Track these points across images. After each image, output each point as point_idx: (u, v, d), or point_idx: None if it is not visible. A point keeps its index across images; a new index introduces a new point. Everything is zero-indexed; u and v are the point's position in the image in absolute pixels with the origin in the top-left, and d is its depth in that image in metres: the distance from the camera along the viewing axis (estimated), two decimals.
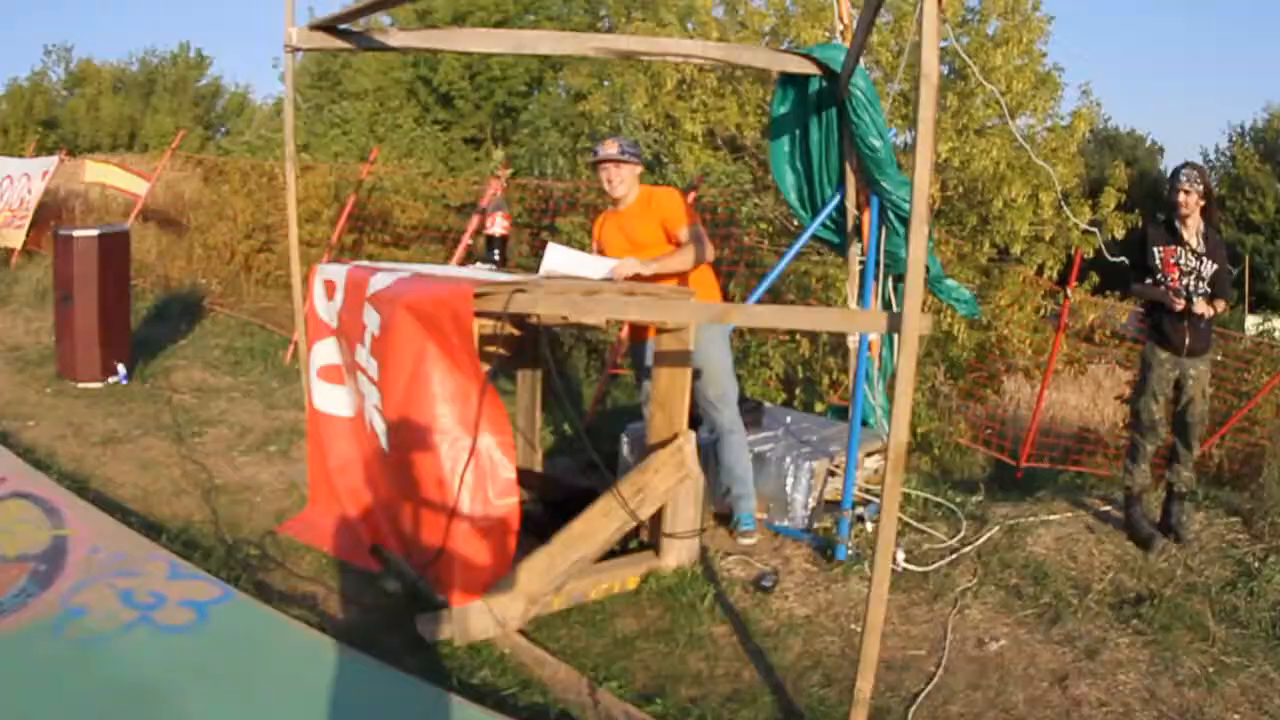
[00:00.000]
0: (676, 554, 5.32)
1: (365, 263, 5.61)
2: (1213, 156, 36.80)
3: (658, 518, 5.25)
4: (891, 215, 5.94)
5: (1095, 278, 12.41)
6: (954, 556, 5.59)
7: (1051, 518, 6.04)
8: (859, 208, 6.15)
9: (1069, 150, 13.58)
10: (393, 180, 12.36)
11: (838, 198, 6.20)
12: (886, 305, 6.15)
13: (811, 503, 5.86)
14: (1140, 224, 11.72)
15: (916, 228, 3.20)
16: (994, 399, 10.99)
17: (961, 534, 5.85)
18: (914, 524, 6.02)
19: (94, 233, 8.79)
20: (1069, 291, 9.36)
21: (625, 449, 6.52)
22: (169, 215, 16.23)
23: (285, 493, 6.18)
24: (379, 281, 4.77)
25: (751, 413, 6.50)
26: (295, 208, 5.91)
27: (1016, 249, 12.87)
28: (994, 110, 12.89)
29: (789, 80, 6.18)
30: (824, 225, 6.34)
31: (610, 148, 5.62)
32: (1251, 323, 31.62)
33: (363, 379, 5.00)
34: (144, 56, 43.46)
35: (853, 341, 6.48)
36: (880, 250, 5.95)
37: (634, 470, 5.10)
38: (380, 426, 4.90)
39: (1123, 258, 7.18)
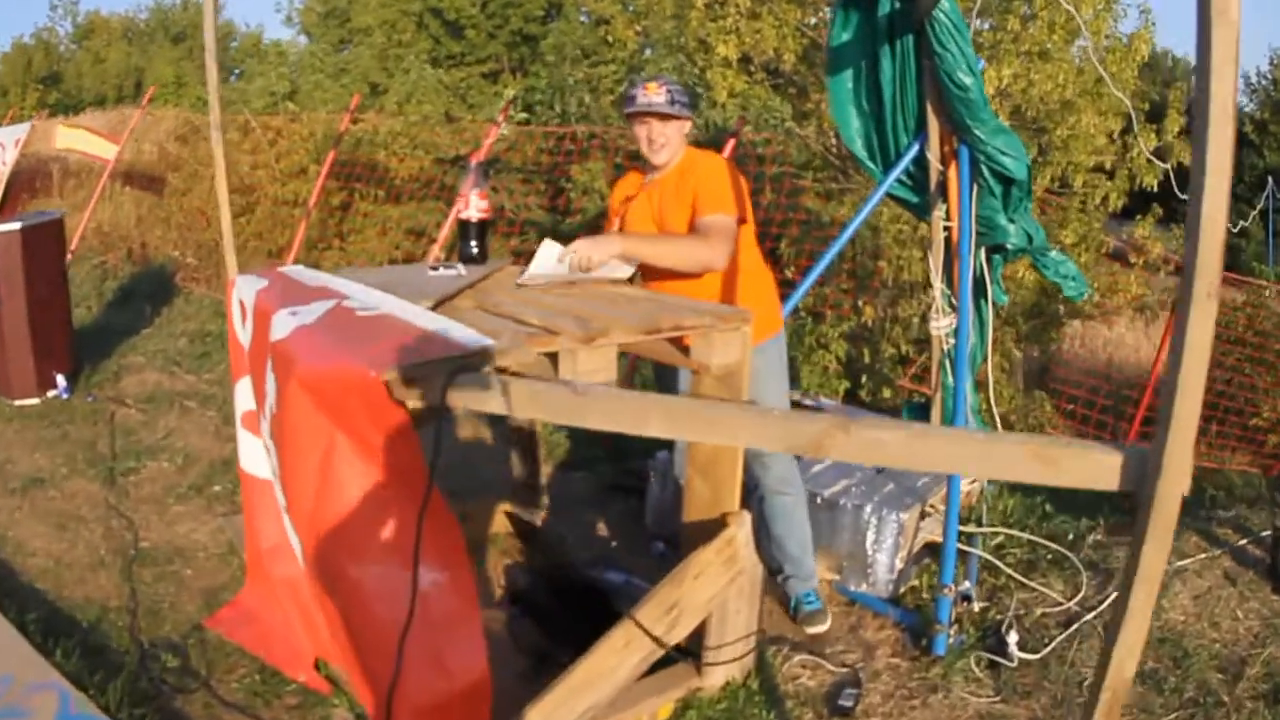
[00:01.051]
0: (725, 668, 3.95)
1: (296, 270, 4.22)
2: (1254, 79, 35.54)
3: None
4: (985, 171, 4.78)
5: (1159, 210, 11.40)
6: (1075, 629, 4.51)
7: (1184, 564, 5.02)
8: (943, 161, 4.97)
9: (1129, 74, 12.51)
10: (390, 129, 11.06)
11: (916, 148, 5.01)
12: (980, 284, 5.05)
13: (899, 564, 4.64)
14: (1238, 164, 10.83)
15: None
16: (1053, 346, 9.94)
17: (1081, 593, 4.78)
18: (1022, 580, 4.90)
19: (15, 226, 7.49)
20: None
21: (654, 486, 5.30)
22: (153, 176, 15.10)
23: (221, 561, 5.02)
24: (282, 324, 3.25)
25: None
26: (226, 191, 4.77)
27: (1078, 181, 11.78)
28: (1060, 35, 11.66)
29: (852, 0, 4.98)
30: (899, 181, 5.16)
31: (655, 94, 4.08)
32: None
33: (272, 457, 3.67)
34: (154, 5, 42.27)
35: (938, 327, 5.34)
36: (972, 215, 4.79)
37: (665, 582, 3.54)
38: (293, 538, 3.58)
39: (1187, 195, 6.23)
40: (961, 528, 4.95)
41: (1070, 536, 5.39)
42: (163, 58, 38.89)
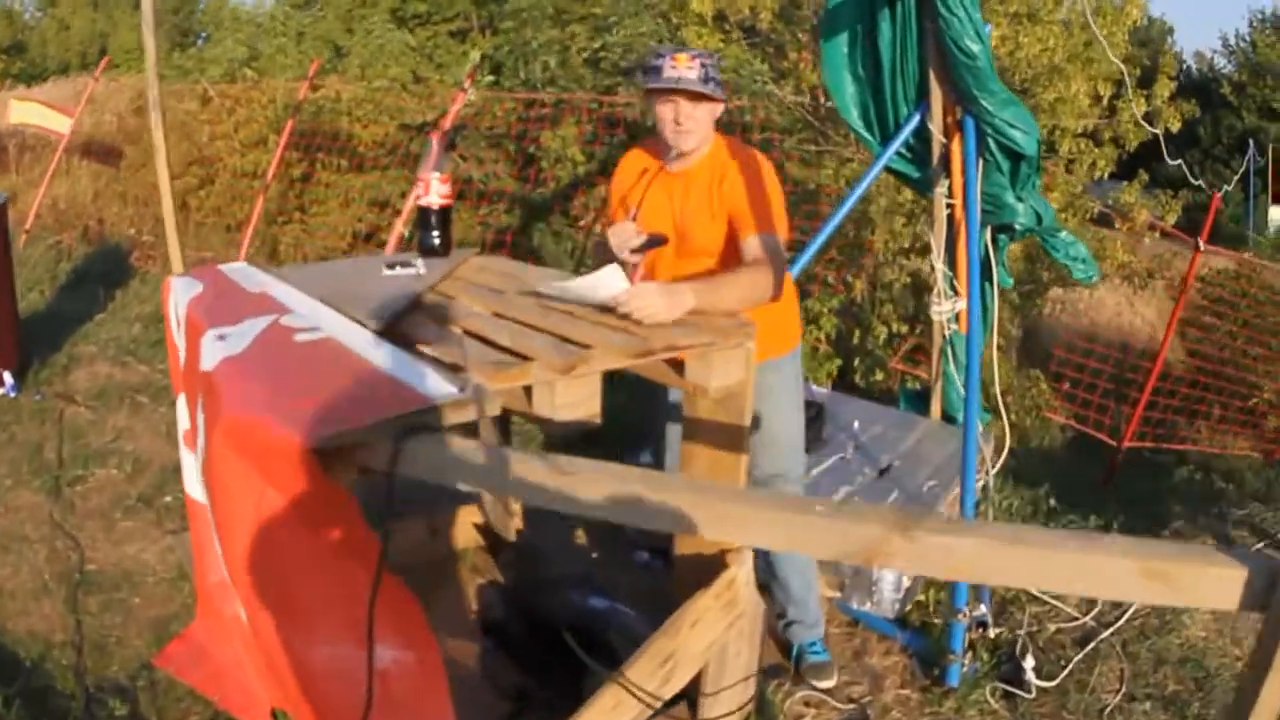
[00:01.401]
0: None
1: (237, 271, 3.57)
2: (1232, 41, 35.48)
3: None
4: (993, 145, 4.39)
5: (1145, 176, 11.02)
6: (1092, 647, 4.16)
7: None
8: (946, 133, 4.58)
9: (1119, 37, 12.10)
10: (353, 94, 10.50)
11: (916, 118, 4.61)
12: (985, 265, 4.63)
13: (905, 581, 4.18)
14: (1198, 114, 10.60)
15: None
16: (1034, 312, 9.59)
17: (1098, 606, 4.42)
18: (1034, 593, 4.51)
19: None
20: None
21: (628, 526, 4.75)
22: (111, 149, 14.43)
23: (171, 586, 4.49)
24: (210, 351, 2.66)
25: (811, 424, 4.68)
26: (168, 179, 4.31)
27: (1065, 147, 11.39)
28: None
29: None
30: (899, 154, 4.76)
31: (686, 68, 3.25)
32: (1275, 213, 30.87)
33: (206, 495, 3.08)
34: None
35: (940, 311, 4.97)
36: (978, 192, 4.39)
37: (659, 634, 2.95)
38: (233, 591, 3.03)
39: (1179, 161, 6.04)
40: None
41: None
42: (126, 23, 37.92)
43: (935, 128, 4.57)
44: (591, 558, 4.68)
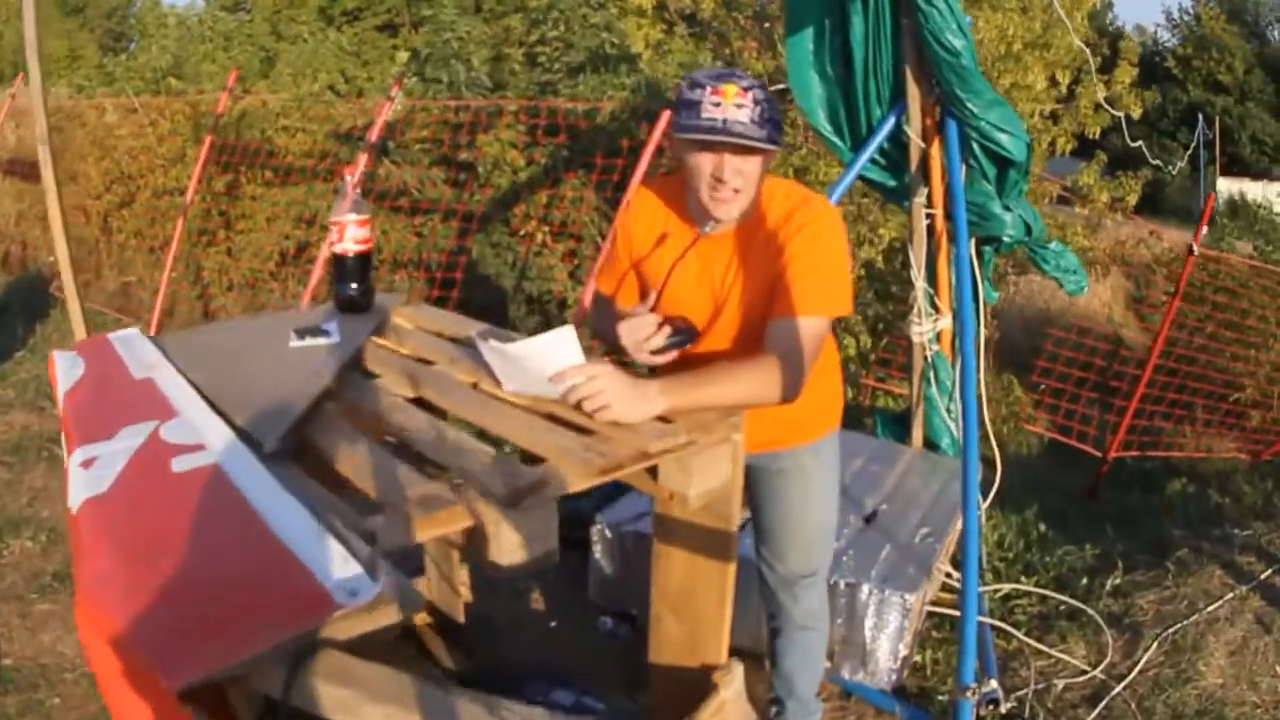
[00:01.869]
0: None
1: (127, 342, 2.94)
2: (1176, 14, 35.54)
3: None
4: (977, 150, 4.00)
5: (1103, 156, 10.85)
6: (1105, 704, 3.75)
7: (1213, 608, 4.29)
8: (925, 137, 4.13)
9: (1078, 21, 11.77)
10: (280, 102, 9.84)
11: (891, 121, 4.17)
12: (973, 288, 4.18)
13: (903, 650, 3.66)
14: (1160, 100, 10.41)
15: None
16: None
17: (1107, 658, 3.99)
18: (1037, 646, 4.07)
19: None
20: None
21: (598, 550, 4.19)
22: (35, 165, 13.57)
23: (91, 683, 3.93)
24: (77, 481, 2.06)
25: None
26: (61, 221, 3.77)
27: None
28: None
29: None
30: (872, 160, 4.32)
31: (735, 104, 2.37)
32: (1223, 185, 30.92)
33: None
34: None
35: (920, 331, 4.53)
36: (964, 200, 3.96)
37: None
38: None
39: (1140, 142, 6.11)
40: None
41: (1084, 581, 4.61)
42: (55, 30, 36.79)
43: (913, 131, 4.14)
44: (551, 627, 4.18)
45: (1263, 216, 29.72)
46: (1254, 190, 32.73)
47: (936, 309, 4.55)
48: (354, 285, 3.09)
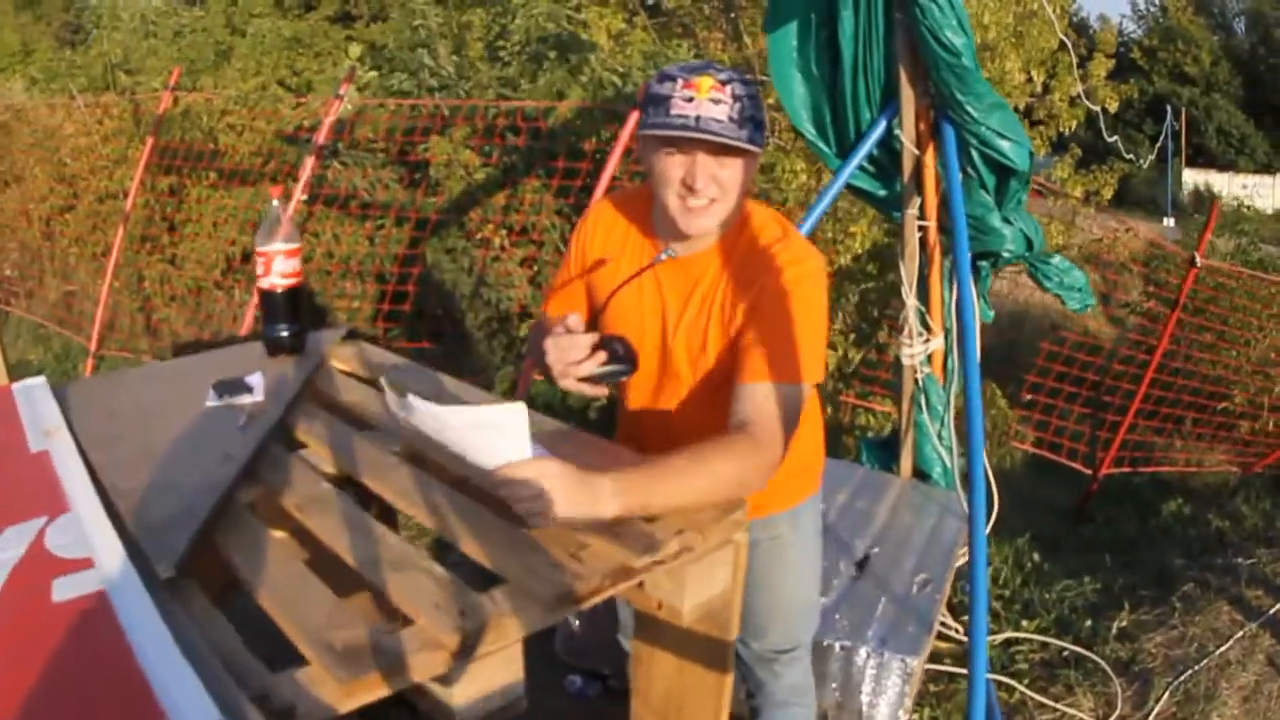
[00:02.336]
0: None
1: (30, 395, 2.44)
2: (1142, 6, 35.51)
3: None
4: (976, 158, 3.64)
5: (1077, 150, 10.52)
6: None
7: (1224, 649, 4.07)
8: (919, 143, 3.77)
9: (1059, 12, 11.49)
10: (224, 100, 9.30)
11: (882, 125, 3.81)
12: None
13: (904, 716, 3.32)
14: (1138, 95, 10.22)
15: None
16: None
17: (1117, 710, 3.72)
18: (1042, 700, 3.76)
19: None
20: None
21: (558, 644, 3.83)
22: None
23: None
24: None
25: None
26: None
27: None
28: None
29: None
30: (861, 168, 3.95)
31: (710, 98, 2.02)
32: (1189, 177, 30.92)
33: None
34: None
35: (912, 353, 4.18)
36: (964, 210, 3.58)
37: None
38: None
39: (1115, 137, 5.45)
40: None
41: (1088, 623, 4.31)
42: (9, 24, 35.82)
43: (906, 137, 3.78)
44: None
45: (1231, 210, 30.01)
46: (1219, 182, 32.87)
47: (928, 328, 4.19)
48: (283, 326, 2.68)
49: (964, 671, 3.78)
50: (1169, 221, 18.92)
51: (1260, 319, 8.04)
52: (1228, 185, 33.10)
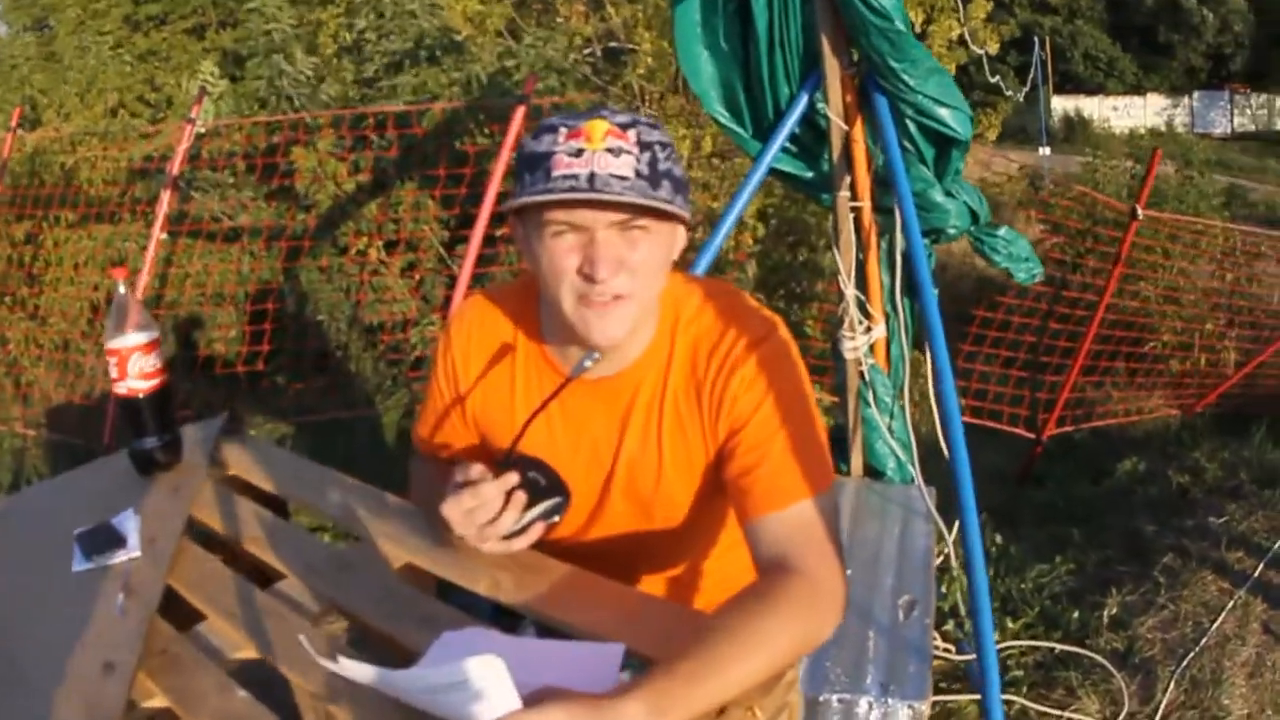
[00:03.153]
0: None
1: None
2: None
3: None
4: (913, 129, 3.29)
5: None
6: None
7: (1220, 623, 3.91)
8: (846, 117, 3.39)
9: None
10: (72, 135, 8.63)
11: (803, 100, 3.41)
12: (906, 280, 3.65)
13: None
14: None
15: None
16: None
17: (1125, 708, 3.48)
18: (1044, 709, 3.53)
19: None
20: None
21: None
22: None
23: None
24: None
25: None
26: None
27: None
28: None
29: None
30: (783, 149, 3.54)
31: (605, 147, 1.49)
32: (1058, 104, 31.34)
33: None
34: None
35: (853, 346, 3.83)
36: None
37: None
38: None
39: (997, 77, 5.34)
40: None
41: (1075, 614, 4.03)
42: None
43: (832, 111, 3.39)
44: None
45: (1095, 131, 30.52)
46: (1089, 106, 33.50)
47: (867, 315, 3.83)
48: (151, 439, 2.19)
49: (957, 697, 3.53)
50: (1044, 150, 18.97)
51: (1189, 260, 7.94)
52: (1097, 108, 33.81)
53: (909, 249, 3.26)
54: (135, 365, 2.10)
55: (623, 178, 1.47)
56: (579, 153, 1.47)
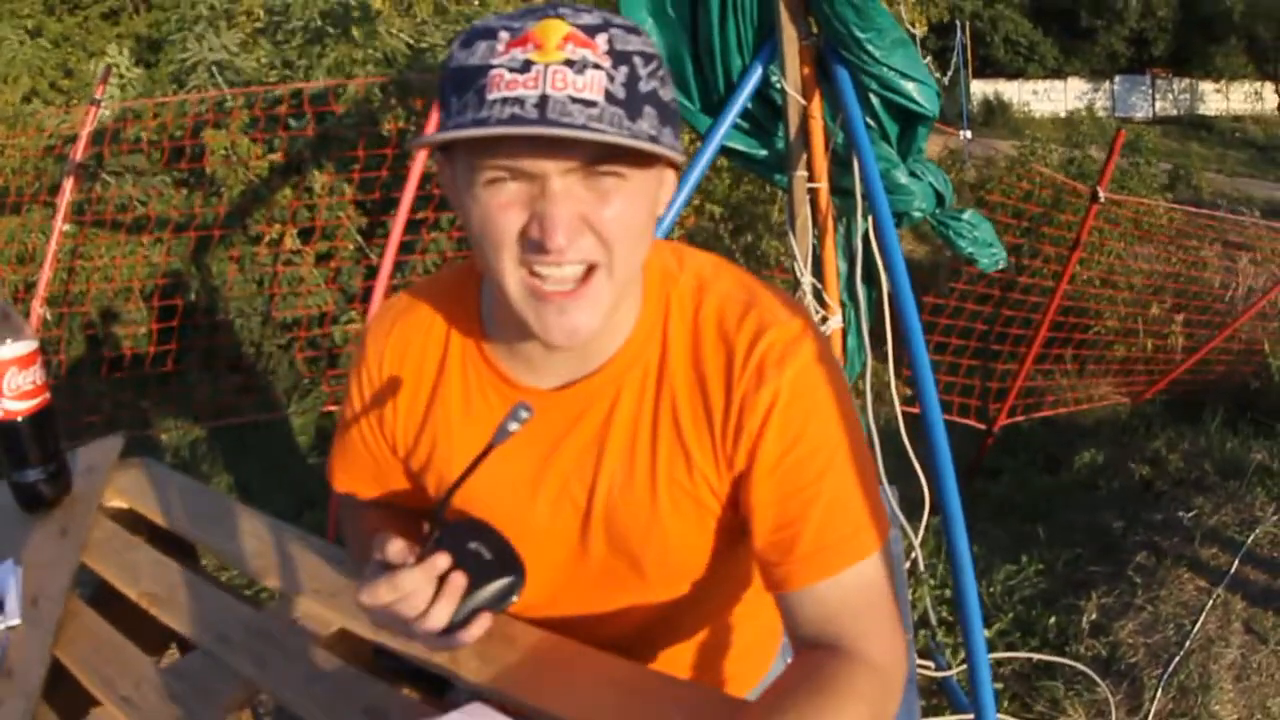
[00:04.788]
0: None
1: None
2: None
3: None
4: (876, 104, 3.05)
5: None
6: None
7: (1202, 624, 3.79)
8: (805, 90, 3.13)
9: None
10: None
11: (757, 73, 3.14)
12: (867, 265, 3.31)
13: None
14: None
15: None
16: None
17: (1113, 719, 3.37)
18: None
19: None
20: None
21: None
22: None
23: None
24: None
25: None
26: None
27: None
28: None
29: None
30: (735, 126, 3.27)
31: (572, 67, 1.04)
32: (977, 88, 31.39)
33: None
34: None
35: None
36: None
37: None
38: None
39: (928, 58, 5.04)
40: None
41: (1051, 619, 3.87)
42: None
43: (789, 85, 3.11)
44: None
45: (1015, 116, 30.65)
46: (1009, 90, 33.64)
47: (824, 304, 3.58)
48: (33, 470, 1.85)
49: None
50: (965, 134, 18.88)
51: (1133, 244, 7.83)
52: (1017, 93, 34.01)
53: (879, 231, 3.01)
54: (11, 382, 1.77)
55: (589, 103, 1.04)
56: (525, 66, 1.03)
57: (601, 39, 1.06)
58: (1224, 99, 35.44)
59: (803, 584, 1.20)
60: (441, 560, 1.14)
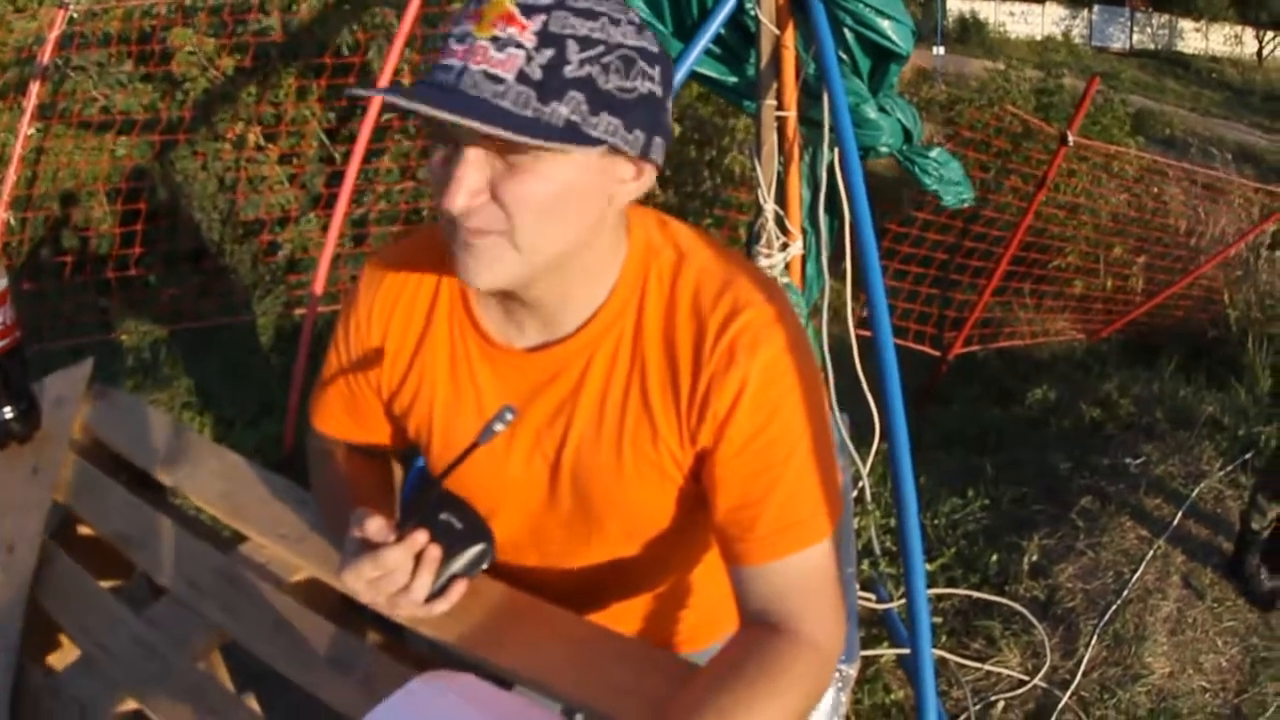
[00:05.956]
0: None
1: None
2: None
3: None
4: (850, 39, 3.06)
5: None
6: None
7: (1141, 575, 3.85)
8: (779, 20, 3.14)
9: None
10: None
11: (732, 1, 3.10)
12: (830, 198, 3.37)
13: None
14: None
15: None
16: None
17: (1047, 661, 3.45)
18: (964, 662, 3.44)
19: None
20: None
21: None
22: None
23: None
24: None
25: None
26: None
27: None
28: None
29: None
30: (707, 52, 3.26)
31: (497, 44, 1.07)
32: (953, 4, 31.14)
33: None
34: None
35: (771, 263, 3.60)
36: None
37: None
38: None
39: None
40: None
41: (994, 557, 3.92)
42: None
43: (764, 14, 3.12)
44: None
45: (990, 36, 30.41)
46: (986, 9, 33.36)
47: (785, 234, 3.59)
48: (6, 407, 1.85)
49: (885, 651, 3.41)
50: (939, 50, 18.72)
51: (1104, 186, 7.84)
52: (994, 12, 33.72)
53: (844, 164, 3.00)
54: None
55: (497, 79, 1.07)
56: (463, 38, 1.09)
57: (537, 20, 1.08)
58: (1203, 38, 35.24)
59: (758, 561, 1.26)
60: (420, 536, 1.21)
